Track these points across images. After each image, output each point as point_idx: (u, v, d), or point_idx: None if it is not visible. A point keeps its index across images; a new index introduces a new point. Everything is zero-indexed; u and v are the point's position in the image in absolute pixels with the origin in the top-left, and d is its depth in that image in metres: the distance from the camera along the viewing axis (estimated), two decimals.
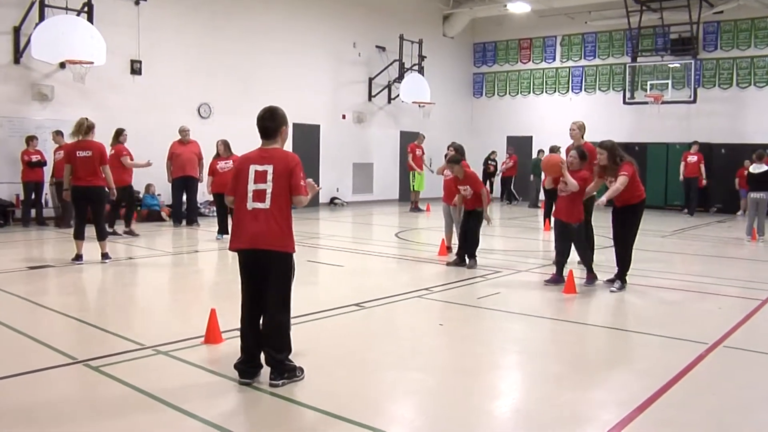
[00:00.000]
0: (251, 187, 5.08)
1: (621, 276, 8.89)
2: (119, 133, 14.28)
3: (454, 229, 11.46)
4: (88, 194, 10.34)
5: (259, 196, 5.06)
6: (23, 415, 4.50)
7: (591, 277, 9.11)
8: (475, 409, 4.79)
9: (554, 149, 16.59)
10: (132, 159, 14.14)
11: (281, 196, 5.08)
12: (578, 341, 6.72)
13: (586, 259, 9.20)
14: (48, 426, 4.35)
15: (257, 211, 5.05)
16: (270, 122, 5.24)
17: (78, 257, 10.36)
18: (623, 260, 8.91)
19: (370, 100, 23.99)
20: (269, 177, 5.07)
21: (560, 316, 7.62)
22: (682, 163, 20.85)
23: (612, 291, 8.69)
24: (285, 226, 5.11)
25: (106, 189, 10.62)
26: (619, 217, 8.96)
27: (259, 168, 5.10)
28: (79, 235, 10.40)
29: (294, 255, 5.26)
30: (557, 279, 9.05)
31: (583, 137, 10.27)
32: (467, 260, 10.43)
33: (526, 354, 6.32)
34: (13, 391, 4.97)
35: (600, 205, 8.90)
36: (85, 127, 10.42)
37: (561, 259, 9.27)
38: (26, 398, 4.80)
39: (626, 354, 6.33)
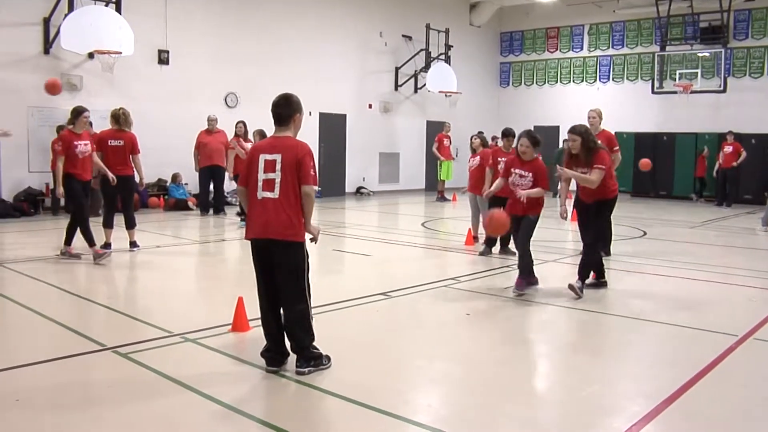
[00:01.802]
0: (261, 176, 5.06)
1: (600, 275, 8.17)
2: (238, 126, 14.45)
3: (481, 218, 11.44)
4: (117, 183, 10.42)
5: (269, 185, 5.04)
6: (54, 400, 4.56)
7: (524, 282, 7.93)
8: (500, 399, 4.78)
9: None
10: (243, 149, 13.93)
11: (290, 186, 5.03)
12: (606, 332, 6.68)
13: (528, 260, 7.95)
14: (77, 410, 4.41)
15: (266, 200, 5.03)
16: (283, 109, 5.20)
17: (107, 245, 10.45)
18: (591, 260, 7.98)
19: (396, 89, 23.94)
20: (278, 166, 5.03)
21: (587, 306, 7.56)
22: (720, 153, 20.51)
23: (575, 297, 7.69)
24: (294, 215, 5.04)
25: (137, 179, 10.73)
26: (592, 214, 7.96)
27: (269, 157, 5.08)
28: (108, 224, 10.49)
29: (306, 244, 5.17)
30: (532, 281, 8.07)
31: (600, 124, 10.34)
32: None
33: (553, 344, 6.30)
34: (43, 376, 5.04)
35: (562, 215, 8.05)
36: (122, 117, 10.55)
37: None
38: (57, 383, 4.87)
39: (654, 345, 6.28)
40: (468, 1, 26.59)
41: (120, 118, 10.56)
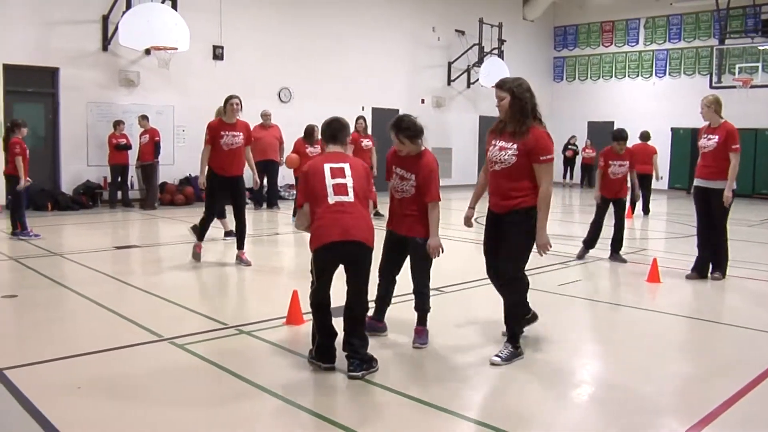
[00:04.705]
0: (330, 181, 4.94)
1: (514, 332, 5.50)
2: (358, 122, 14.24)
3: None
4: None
5: (341, 189, 4.94)
6: (113, 389, 4.65)
7: (424, 331, 5.87)
8: (553, 397, 4.75)
9: (645, 135, 16.05)
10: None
11: (362, 192, 5.02)
12: (661, 331, 6.55)
13: (425, 301, 5.97)
14: (136, 399, 4.49)
15: (343, 203, 4.91)
16: (340, 132, 5.24)
17: (228, 233, 11.08)
18: (517, 305, 5.55)
19: (449, 84, 23.88)
20: (347, 173, 5.00)
21: (643, 305, 7.46)
22: None
23: (494, 363, 5.28)
24: (370, 221, 5.07)
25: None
26: (509, 231, 5.45)
27: (334, 165, 5.03)
28: (220, 215, 11.10)
29: None
30: (377, 325, 5.98)
31: (720, 114, 8.67)
32: (615, 255, 9.82)
33: (607, 343, 6.22)
34: (103, 365, 5.14)
35: (467, 221, 5.93)
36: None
37: (386, 297, 6.08)
38: (116, 373, 4.97)
39: (712, 346, 6.16)
40: None
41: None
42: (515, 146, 5.23)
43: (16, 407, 4.28)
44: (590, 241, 9.99)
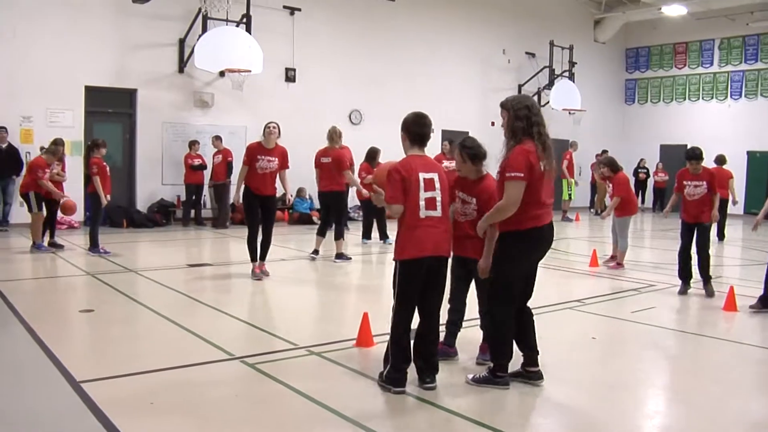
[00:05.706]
0: (422, 195, 5.02)
1: (494, 361, 5.31)
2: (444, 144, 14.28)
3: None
4: (327, 198, 11.48)
5: (431, 204, 5.04)
6: (186, 406, 4.72)
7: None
8: (624, 427, 4.63)
9: (721, 159, 15.56)
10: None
11: (446, 206, 5.15)
12: (738, 363, 6.32)
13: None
14: (207, 417, 4.54)
15: (433, 219, 5.03)
16: (429, 129, 5.31)
17: (315, 252, 11.45)
18: (495, 342, 5.37)
19: None
20: (437, 185, 5.08)
21: (719, 334, 7.24)
22: None
23: (467, 380, 5.30)
24: (451, 235, 5.26)
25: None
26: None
27: (426, 176, 5.08)
28: (321, 233, 11.51)
29: None
30: (449, 350, 5.90)
31: None
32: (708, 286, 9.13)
33: (682, 373, 6.04)
34: (175, 381, 5.22)
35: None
36: (336, 135, 11.52)
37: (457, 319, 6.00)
38: (187, 390, 5.04)
39: None
40: (592, 17, 26.14)
41: (339, 136, 11.51)
42: (498, 164, 5.16)
43: (92, 420, 4.37)
44: (683, 274, 9.28)
